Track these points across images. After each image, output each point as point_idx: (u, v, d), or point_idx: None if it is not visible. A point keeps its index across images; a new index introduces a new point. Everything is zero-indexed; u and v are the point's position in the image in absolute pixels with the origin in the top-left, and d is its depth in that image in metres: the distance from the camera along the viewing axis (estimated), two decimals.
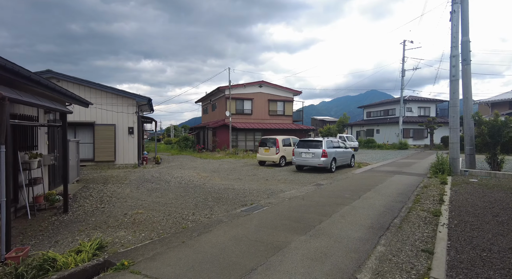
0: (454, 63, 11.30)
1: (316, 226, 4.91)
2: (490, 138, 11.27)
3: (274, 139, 14.79)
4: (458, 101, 11.31)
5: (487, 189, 8.07)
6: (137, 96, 15.22)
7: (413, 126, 34.16)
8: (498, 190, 7.97)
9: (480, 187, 8.47)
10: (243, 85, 28.11)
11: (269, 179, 10.77)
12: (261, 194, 7.80)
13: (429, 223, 5.02)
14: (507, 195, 7.30)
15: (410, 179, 10.32)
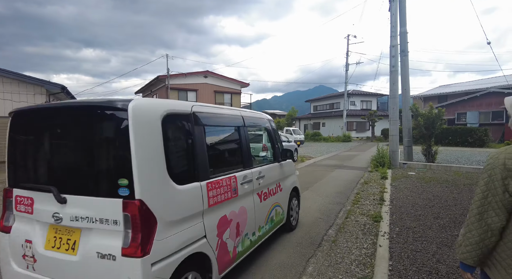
0: (394, 53, 11.08)
1: None
2: (426, 130, 11.35)
3: None
4: (397, 92, 11.15)
5: (425, 183, 7.77)
6: (46, 83, 12.63)
7: (356, 119, 35.51)
8: (435, 184, 7.72)
9: (418, 180, 8.19)
10: (184, 75, 26.10)
11: None
12: None
13: (368, 233, 4.19)
14: (443, 189, 7.01)
15: (351, 174, 9.83)
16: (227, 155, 3.11)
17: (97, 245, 1.89)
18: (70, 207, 1.99)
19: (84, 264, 1.91)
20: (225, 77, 29.20)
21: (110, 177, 1.95)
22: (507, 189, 1.21)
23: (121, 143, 1.85)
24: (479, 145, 20.61)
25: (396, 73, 11.15)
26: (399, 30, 11.53)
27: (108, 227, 1.87)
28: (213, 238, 2.42)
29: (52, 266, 2.04)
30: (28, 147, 2.30)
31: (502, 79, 28.01)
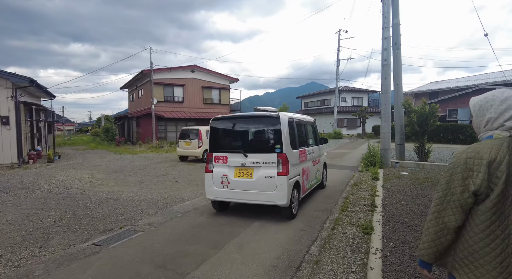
0: (386, 46, 10.46)
1: (190, 273, 3.04)
2: (419, 127, 10.81)
3: (197, 130, 12.66)
4: (389, 87, 10.56)
5: (419, 185, 7.19)
6: (11, 75, 11.61)
7: (347, 116, 35.08)
8: (429, 185, 7.15)
9: (412, 182, 7.62)
10: (169, 69, 25.11)
11: (180, 180, 8.68)
12: (149, 207, 5.70)
13: (358, 250, 3.53)
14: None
15: (340, 174, 9.21)
16: (303, 139, 5.71)
17: (264, 172, 4.57)
18: (249, 158, 4.68)
19: (257, 182, 4.60)
20: (213, 72, 28.29)
21: (273, 145, 4.61)
22: (467, 189, 1.22)
23: (277, 131, 4.62)
24: (470, 142, 20.26)
25: (388, 67, 10.55)
26: (392, 22, 10.91)
27: (270, 165, 4.54)
28: (301, 177, 5.17)
29: (238, 185, 4.73)
30: (221, 133, 5.20)
31: (493, 76, 27.89)
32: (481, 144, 1.28)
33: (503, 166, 1.19)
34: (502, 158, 1.20)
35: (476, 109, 1.37)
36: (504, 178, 1.18)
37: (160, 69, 25.44)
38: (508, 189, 1.20)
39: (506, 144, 1.24)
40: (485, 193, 1.21)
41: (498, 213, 1.20)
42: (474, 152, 1.25)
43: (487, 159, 1.21)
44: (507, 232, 1.20)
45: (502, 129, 1.28)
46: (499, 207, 1.20)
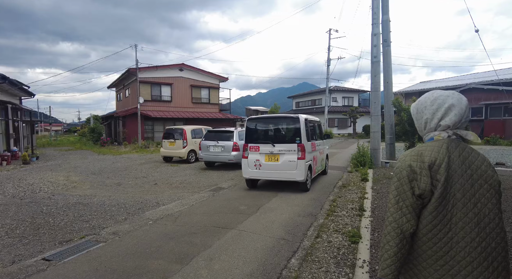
0: (376, 42, 10.16)
1: None
2: (410, 126, 10.55)
3: (181, 129, 12.15)
4: (379, 85, 10.25)
5: None
6: None
7: (337, 115, 34.95)
8: None
9: None
10: (155, 67, 24.48)
11: (160, 183, 8.18)
12: (120, 213, 5.21)
13: (343, 263, 3.13)
14: None
15: (329, 175, 8.85)
16: (313, 134, 7.25)
17: (288, 158, 6.33)
18: (276, 147, 6.44)
19: (282, 164, 6.38)
20: (202, 71, 27.73)
21: (294, 137, 6.42)
22: (413, 192, 1.21)
23: (297, 127, 6.47)
24: None
25: (378, 64, 10.25)
26: (381, 18, 10.62)
27: (291, 152, 6.32)
28: (312, 162, 6.88)
29: (268, 167, 6.51)
30: (254, 130, 6.91)
31: (481, 75, 28.09)
32: (423, 146, 1.27)
33: (442, 169, 1.18)
34: (441, 160, 1.20)
35: (414, 113, 1.38)
36: (443, 181, 1.17)
37: (147, 68, 24.78)
38: (449, 191, 1.18)
39: (445, 146, 1.23)
40: (429, 196, 1.20)
41: (440, 216, 1.18)
42: (417, 155, 1.24)
43: (428, 162, 1.20)
44: (449, 235, 1.18)
45: (440, 129, 1.27)
46: (440, 209, 1.18)
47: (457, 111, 1.25)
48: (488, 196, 1.19)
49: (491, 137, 19.50)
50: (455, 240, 1.17)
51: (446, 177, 1.17)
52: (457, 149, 1.22)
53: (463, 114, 1.25)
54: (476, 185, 1.19)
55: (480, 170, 1.20)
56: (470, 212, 1.17)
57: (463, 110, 1.25)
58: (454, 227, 1.17)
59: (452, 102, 1.26)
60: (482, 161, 1.22)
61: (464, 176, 1.19)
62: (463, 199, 1.17)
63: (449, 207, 1.18)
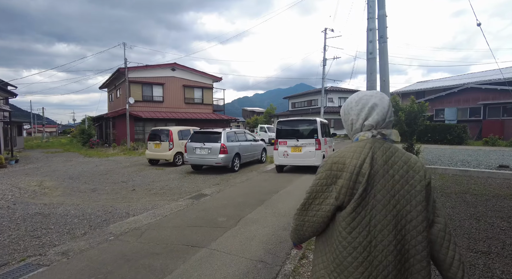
0: (371, 38, 9.56)
1: None
2: (408, 127, 9.99)
3: (168, 130, 11.50)
4: (376, 83, 9.66)
5: None
6: None
7: (334, 116, 34.42)
8: None
9: None
10: (145, 67, 23.81)
11: (138, 188, 7.54)
12: (81, 226, 4.57)
13: None
14: None
15: None
16: (324, 132, 9.50)
17: (308, 149, 8.79)
18: (300, 141, 8.91)
19: (304, 154, 8.84)
20: (195, 71, 27.09)
21: (313, 134, 8.86)
22: (330, 195, 1.19)
23: (315, 127, 8.98)
24: (458, 142, 19.85)
25: (374, 61, 9.66)
26: (377, 13, 10.04)
27: (311, 145, 8.79)
28: (325, 153, 9.28)
29: (293, 156, 8.98)
30: (282, 128, 9.40)
31: (479, 75, 27.71)
32: (347, 147, 1.23)
33: (363, 170, 1.15)
34: (363, 161, 1.16)
35: (343, 115, 1.34)
36: (364, 181, 1.13)
37: (138, 67, 24.12)
38: (369, 193, 1.14)
39: (368, 146, 1.20)
40: (348, 198, 1.16)
41: (359, 217, 1.13)
42: (339, 156, 1.21)
43: (349, 163, 1.17)
44: (368, 238, 1.13)
45: (365, 129, 1.24)
46: (359, 211, 1.13)
47: (379, 110, 1.22)
48: (408, 198, 1.15)
49: (489, 137, 19.04)
50: (374, 244, 1.13)
51: (367, 178, 1.14)
52: (381, 149, 1.19)
53: (386, 113, 1.23)
54: (397, 186, 1.16)
55: (402, 170, 1.17)
56: (389, 214, 1.14)
57: (385, 109, 1.22)
58: (373, 229, 1.13)
59: (374, 101, 1.23)
60: (406, 161, 1.19)
61: (386, 176, 1.16)
62: (383, 200, 1.14)
63: (368, 208, 1.14)
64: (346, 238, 1.14)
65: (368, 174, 1.13)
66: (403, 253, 1.13)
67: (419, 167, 1.18)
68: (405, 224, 1.14)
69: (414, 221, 1.13)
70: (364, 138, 1.23)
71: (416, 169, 1.17)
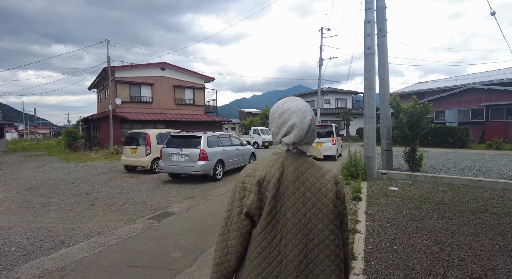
0: (369, 31, 8.57)
1: None
2: (410, 130, 8.97)
3: (145, 134, 10.41)
4: (374, 81, 8.66)
5: (415, 210, 5.25)
6: None
7: (331, 118, 33.40)
8: (430, 211, 5.22)
9: (405, 204, 5.67)
10: (130, 66, 22.72)
11: (99, 203, 6.45)
12: None
13: None
14: (446, 225, 4.49)
15: None
16: (337, 133, 14.83)
17: (326, 144, 13.18)
18: (320, 139, 13.20)
19: (324, 148, 12.97)
20: (186, 70, 26.01)
21: (330, 134, 13.47)
22: (242, 211, 1.12)
23: (331, 130, 13.60)
24: (460, 145, 18.90)
25: (372, 57, 8.66)
26: (376, 4, 9.07)
27: (329, 141, 13.26)
28: (338, 147, 14.86)
29: None
30: None
31: (481, 75, 26.82)
32: (261, 161, 1.19)
33: (271, 186, 1.10)
34: (271, 176, 1.11)
35: (269, 121, 1.29)
36: (270, 198, 1.08)
37: (125, 67, 23.03)
38: (279, 211, 1.09)
39: (281, 160, 1.16)
40: (257, 215, 1.10)
41: (269, 237, 1.08)
42: (252, 169, 1.16)
43: (258, 177, 1.12)
44: (279, 258, 1.08)
45: (282, 144, 1.20)
46: (268, 230, 1.08)
47: (297, 132, 1.16)
48: (320, 216, 1.09)
49: (493, 141, 18.07)
50: (284, 264, 1.07)
51: (274, 195, 1.09)
52: (293, 164, 1.15)
53: (304, 135, 1.16)
54: (308, 203, 1.10)
55: (314, 187, 1.12)
56: (299, 233, 1.08)
57: (304, 131, 1.16)
58: (283, 249, 1.08)
59: (294, 121, 1.16)
60: (319, 178, 1.14)
61: (297, 193, 1.11)
62: (293, 218, 1.09)
63: (278, 227, 1.09)
64: (256, 258, 1.09)
65: (277, 191, 1.09)
66: (315, 274, 1.08)
67: (332, 185, 1.13)
68: (318, 244, 1.09)
69: (327, 241, 1.09)
70: (279, 152, 1.20)
71: (329, 186, 1.13)
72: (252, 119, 47.37)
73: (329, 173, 1.16)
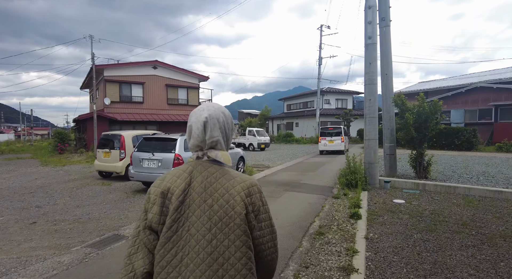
0: (370, 18, 7.47)
1: None
2: (417, 132, 7.85)
3: (119, 136, 9.32)
4: (376, 75, 7.55)
5: (428, 233, 4.13)
6: None
7: (330, 118, 32.28)
8: (447, 233, 4.11)
9: (414, 223, 4.55)
10: (118, 64, 21.70)
11: (45, 219, 5.36)
12: None
13: None
14: (474, 260, 3.38)
15: (304, 204, 6.07)
16: (346, 132, 21.68)
17: (337, 142, 17.40)
18: (332, 138, 17.58)
19: (335, 144, 17.33)
20: (179, 69, 24.96)
21: (339, 134, 17.50)
22: (146, 224, 1.03)
23: (340, 130, 17.67)
24: (467, 148, 17.72)
25: (373, 48, 7.55)
26: None
27: (339, 139, 17.34)
28: (346, 144, 21.05)
29: (329, 145, 17.55)
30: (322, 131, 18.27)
31: (488, 73, 25.61)
32: (173, 170, 1.10)
33: (174, 197, 1.02)
34: (176, 187, 1.03)
35: None
36: (172, 211, 1.00)
37: (116, 65, 22.05)
38: (183, 225, 0.99)
39: (190, 169, 1.08)
40: (160, 230, 1.02)
41: (169, 255, 0.98)
42: (160, 179, 1.08)
43: (163, 188, 1.04)
44: (184, 275, 0.96)
45: (192, 151, 1.12)
46: (168, 247, 0.98)
47: (194, 133, 1.10)
48: (227, 232, 0.98)
49: (503, 143, 16.91)
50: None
51: (177, 207, 1.00)
52: (203, 173, 1.06)
53: (201, 136, 1.08)
54: (215, 217, 1.00)
55: (222, 199, 1.02)
56: (203, 251, 0.97)
57: (199, 130, 1.08)
58: (184, 270, 0.96)
59: (191, 122, 1.12)
60: (229, 188, 1.03)
61: (203, 206, 1.01)
62: (197, 234, 0.98)
63: (180, 245, 0.98)
64: (160, 274, 0.98)
65: (180, 203, 1.01)
66: None
67: (242, 197, 1.03)
68: (223, 263, 0.98)
69: (232, 259, 0.98)
70: (190, 160, 1.12)
71: (237, 198, 1.02)
72: (250, 120, 46.32)
73: (242, 183, 1.05)
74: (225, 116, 1.13)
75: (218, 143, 1.09)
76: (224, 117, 1.12)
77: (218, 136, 1.09)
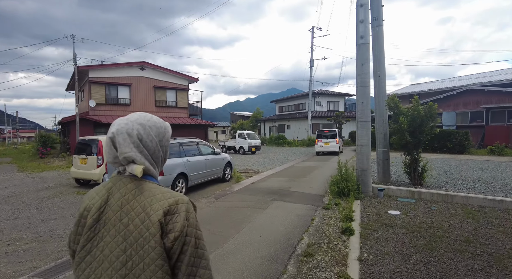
0: (362, 16, 7.05)
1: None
2: (411, 136, 7.45)
3: (97, 141, 8.70)
4: (368, 77, 7.14)
5: (429, 256, 3.68)
6: None
7: (322, 121, 32.00)
8: (450, 252, 3.67)
9: (412, 240, 4.10)
10: (102, 64, 20.97)
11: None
12: None
13: None
14: None
15: (291, 216, 5.57)
16: (340, 135, 21.77)
17: (332, 144, 18.52)
18: (327, 140, 18.66)
19: (330, 146, 18.52)
20: (167, 70, 24.32)
21: (334, 136, 18.66)
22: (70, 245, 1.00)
23: (335, 133, 18.84)
24: (459, 151, 17.55)
25: (366, 48, 7.14)
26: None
27: (334, 141, 18.54)
28: (341, 146, 23.22)
29: (325, 147, 18.74)
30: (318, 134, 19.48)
31: (478, 76, 25.68)
32: (96, 186, 1.04)
33: (89, 216, 0.95)
34: (93, 204, 0.97)
35: None
36: (86, 230, 0.94)
37: (100, 66, 21.31)
38: (97, 246, 0.91)
39: (109, 186, 0.99)
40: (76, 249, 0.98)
41: (86, 273, 0.91)
42: (86, 195, 1.03)
43: (83, 206, 0.99)
44: None
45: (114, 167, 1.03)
46: (82, 268, 0.92)
47: (107, 148, 1.02)
48: (142, 254, 0.89)
49: (495, 145, 16.77)
50: None
51: (91, 226, 0.94)
52: (121, 190, 0.97)
53: (109, 152, 1.00)
54: (130, 238, 0.90)
55: (138, 218, 0.92)
56: (116, 274, 0.88)
57: (108, 147, 1.01)
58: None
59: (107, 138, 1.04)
60: (145, 207, 0.93)
61: (118, 225, 0.92)
62: (110, 256, 0.90)
63: (93, 266, 0.91)
64: None
65: (95, 221, 0.94)
66: None
67: (158, 216, 0.91)
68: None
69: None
70: (113, 176, 1.03)
71: (153, 218, 0.91)
72: (242, 122, 45.78)
73: (162, 201, 0.94)
74: (145, 128, 1.00)
75: (134, 160, 0.97)
76: (143, 129, 1.00)
77: (130, 152, 0.97)
